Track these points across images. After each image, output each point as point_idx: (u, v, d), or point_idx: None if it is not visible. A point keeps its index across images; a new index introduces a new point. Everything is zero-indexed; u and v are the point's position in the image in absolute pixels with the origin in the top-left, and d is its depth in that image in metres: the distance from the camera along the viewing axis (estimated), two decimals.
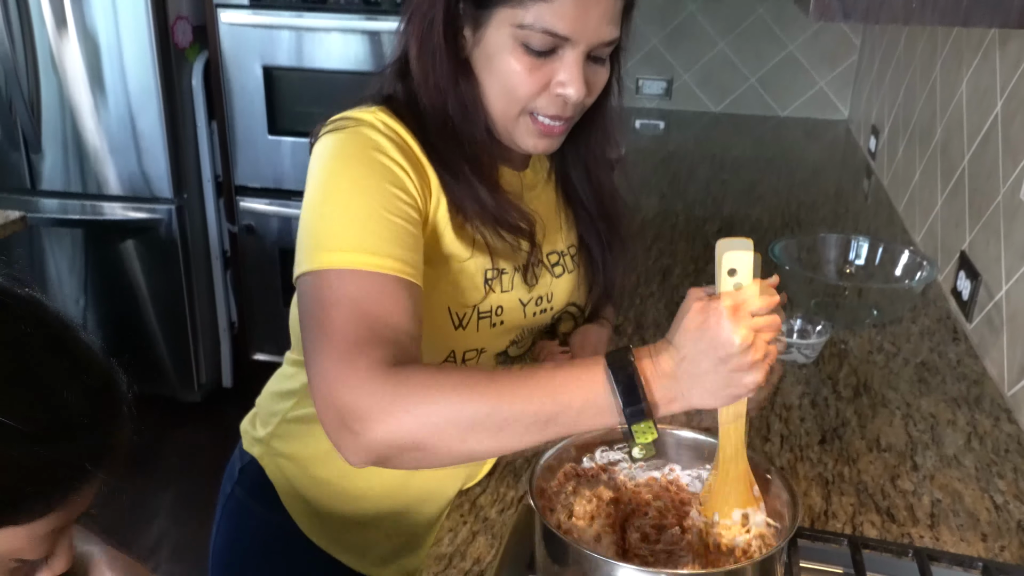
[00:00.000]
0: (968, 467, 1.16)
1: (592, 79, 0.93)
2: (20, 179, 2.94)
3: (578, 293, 1.12)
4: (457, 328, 0.99)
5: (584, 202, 1.11)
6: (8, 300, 0.63)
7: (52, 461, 0.60)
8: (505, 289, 1.01)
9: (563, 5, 0.86)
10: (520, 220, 0.98)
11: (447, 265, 0.96)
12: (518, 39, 0.88)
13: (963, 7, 1.26)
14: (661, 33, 3.16)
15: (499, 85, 0.92)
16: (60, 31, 2.73)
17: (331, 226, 0.85)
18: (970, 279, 1.54)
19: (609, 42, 0.91)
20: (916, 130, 2.09)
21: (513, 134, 0.96)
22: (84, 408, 0.62)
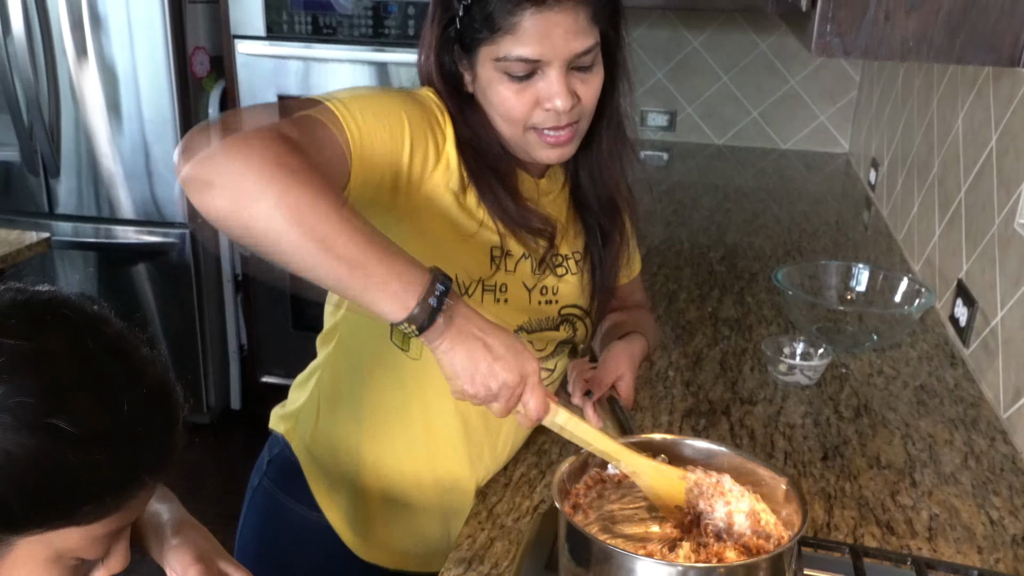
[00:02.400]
0: (965, 484, 1.20)
1: (580, 87, 1.01)
2: (38, 203, 3.01)
3: (582, 296, 1.17)
4: (463, 295, 1.05)
5: (591, 206, 1.17)
6: (70, 312, 0.66)
7: (110, 466, 0.63)
8: (510, 270, 1.08)
9: (526, 34, 0.96)
10: (539, 222, 1.07)
11: (454, 232, 1.04)
12: (500, 70, 0.99)
13: (957, 46, 1.33)
14: (665, 67, 3.25)
15: (498, 113, 1.02)
16: (80, 61, 2.81)
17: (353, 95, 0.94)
18: (967, 306, 1.60)
19: (583, 52, 0.98)
20: (914, 163, 2.15)
21: (526, 149, 1.05)
22: (141, 415, 0.65)
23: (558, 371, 1.19)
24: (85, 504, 0.63)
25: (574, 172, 1.16)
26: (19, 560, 0.63)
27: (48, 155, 2.91)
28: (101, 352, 0.65)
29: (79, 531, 0.64)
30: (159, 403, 0.67)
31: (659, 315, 1.74)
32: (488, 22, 0.96)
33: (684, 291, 1.88)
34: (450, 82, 1.04)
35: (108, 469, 0.63)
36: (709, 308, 1.79)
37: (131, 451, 0.64)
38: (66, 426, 0.60)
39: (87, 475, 0.62)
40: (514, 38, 0.96)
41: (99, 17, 2.75)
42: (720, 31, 3.15)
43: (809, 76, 3.13)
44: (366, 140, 0.91)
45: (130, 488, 0.65)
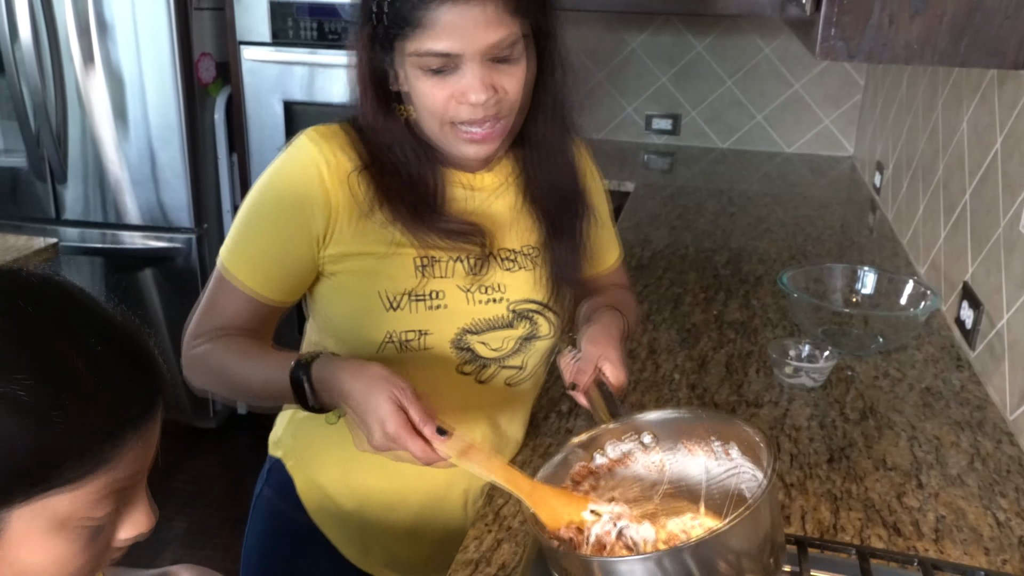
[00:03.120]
0: (971, 486, 1.20)
1: (499, 80, 1.00)
2: (45, 209, 3.02)
3: (538, 290, 1.15)
4: (389, 310, 1.06)
5: (543, 199, 1.15)
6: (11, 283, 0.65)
7: (72, 424, 0.60)
8: (440, 275, 1.08)
9: (439, 27, 0.96)
10: (460, 228, 1.08)
11: (372, 255, 1.06)
12: (418, 65, 0.99)
13: (961, 50, 1.33)
14: (670, 71, 3.25)
15: (420, 107, 1.03)
16: (87, 67, 2.82)
17: (239, 230, 1.08)
18: (972, 308, 1.60)
19: (499, 43, 0.98)
20: (919, 167, 2.15)
21: (449, 146, 1.05)
22: (95, 368, 0.62)
23: (529, 368, 1.18)
24: (59, 467, 0.60)
25: (522, 165, 1.15)
26: (19, 535, 0.61)
27: (55, 161, 2.93)
28: (51, 311, 0.63)
29: (69, 495, 0.61)
30: (117, 353, 0.65)
31: (664, 318, 1.75)
32: (404, 18, 0.97)
33: (689, 295, 1.88)
34: (379, 83, 1.05)
35: (73, 426, 0.60)
36: (714, 311, 1.79)
37: (91, 407, 0.61)
38: (16, 392, 0.58)
39: (51, 438, 0.59)
40: (428, 32, 0.96)
41: (106, 24, 2.77)
42: (724, 36, 3.16)
43: (813, 80, 3.14)
44: (272, 282, 1.07)
45: (104, 443, 0.62)
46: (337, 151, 1.05)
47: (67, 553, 0.63)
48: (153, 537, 0.84)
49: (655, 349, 1.61)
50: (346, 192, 1.04)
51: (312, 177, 1.03)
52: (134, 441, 0.64)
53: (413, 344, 1.07)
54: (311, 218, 1.04)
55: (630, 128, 3.37)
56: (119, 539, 0.68)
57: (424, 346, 1.08)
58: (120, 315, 0.68)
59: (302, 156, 1.05)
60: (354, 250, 1.06)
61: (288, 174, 1.06)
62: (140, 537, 0.69)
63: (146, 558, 0.95)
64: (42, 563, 0.63)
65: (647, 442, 0.96)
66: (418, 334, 1.07)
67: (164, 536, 2.71)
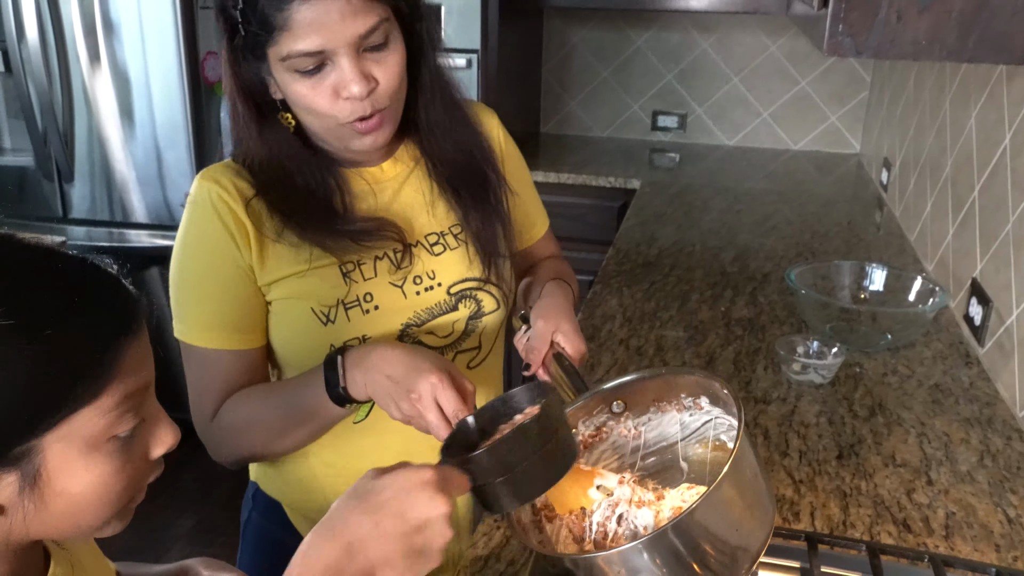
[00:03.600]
0: (981, 483, 1.20)
1: (376, 69, 0.98)
2: (52, 208, 3.03)
3: (472, 267, 1.13)
4: (327, 324, 1.05)
5: (451, 176, 1.14)
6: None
7: (72, 340, 0.63)
8: (368, 277, 1.07)
9: (301, 26, 0.93)
10: (369, 226, 1.06)
11: (295, 276, 1.05)
12: (289, 69, 0.97)
13: (970, 45, 1.32)
14: (675, 69, 3.25)
15: (302, 110, 1.01)
16: (94, 67, 2.83)
17: (178, 300, 1.06)
18: (981, 305, 1.59)
19: (367, 32, 0.95)
20: (927, 163, 2.15)
21: (341, 143, 1.04)
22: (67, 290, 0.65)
23: (487, 346, 1.17)
24: (71, 381, 0.63)
25: (424, 149, 1.13)
26: (58, 464, 0.64)
27: (62, 160, 2.93)
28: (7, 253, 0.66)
29: (91, 410, 0.64)
30: (85, 275, 0.68)
31: (671, 315, 1.75)
32: (263, 22, 0.94)
33: (696, 292, 1.88)
34: (253, 95, 1.02)
35: (68, 342, 0.63)
36: (722, 308, 1.79)
37: (80, 321, 0.64)
38: (5, 320, 0.61)
39: (53, 355, 0.62)
40: (291, 33, 0.93)
41: (112, 23, 2.77)
42: (730, 33, 3.15)
43: (819, 77, 3.13)
44: (237, 331, 1.05)
45: (102, 352, 0.65)
46: (235, 180, 1.04)
47: (107, 471, 0.67)
48: (160, 535, 0.85)
49: (662, 346, 1.61)
50: (254, 219, 1.03)
51: (220, 213, 1.02)
52: (128, 350, 0.67)
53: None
54: (235, 252, 1.03)
55: (636, 126, 3.36)
56: (152, 456, 0.72)
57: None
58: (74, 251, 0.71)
59: (202, 198, 1.03)
60: (278, 275, 1.04)
61: (197, 221, 1.04)
62: (170, 449, 0.73)
63: (154, 555, 0.96)
64: (87, 487, 0.66)
65: (617, 410, 0.97)
66: (360, 341, 1.06)
67: (171, 534, 2.72)
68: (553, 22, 3.30)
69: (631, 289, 1.88)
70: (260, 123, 1.03)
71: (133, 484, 0.70)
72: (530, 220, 1.30)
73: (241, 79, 1.01)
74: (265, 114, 1.03)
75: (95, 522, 0.69)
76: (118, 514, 0.70)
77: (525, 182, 1.28)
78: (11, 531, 0.65)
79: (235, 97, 1.02)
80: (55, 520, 0.67)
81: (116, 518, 0.71)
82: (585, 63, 3.32)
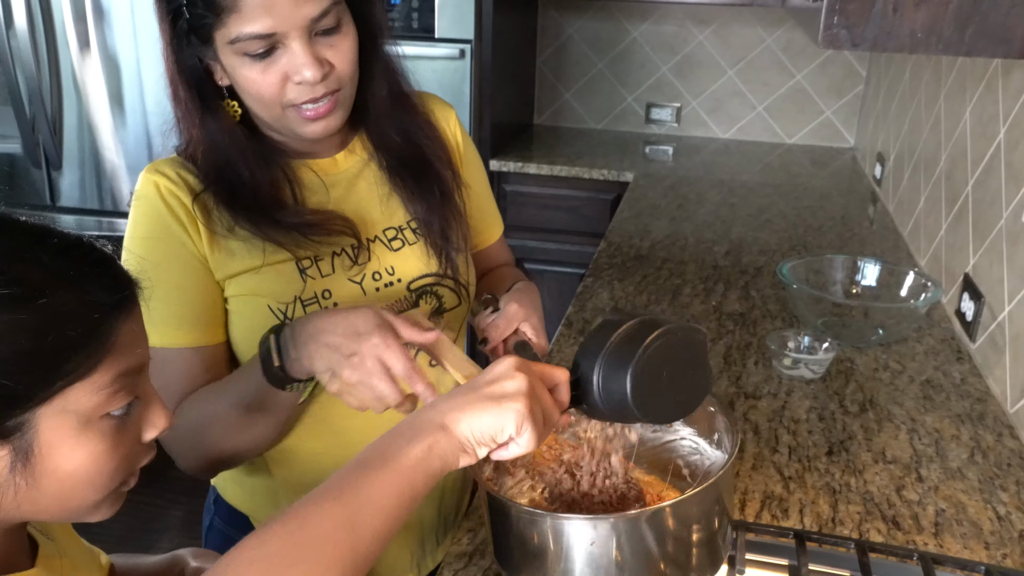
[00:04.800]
0: (972, 479, 1.19)
1: (329, 53, 0.95)
2: (41, 195, 3.00)
3: (431, 262, 1.11)
4: (284, 321, 1.01)
5: (402, 168, 1.10)
6: None
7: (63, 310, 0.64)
8: (325, 273, 1.04)
9: (250, 9, 0.90)
10: (317, 220, 1.01)
11: (251, 272, 1.01)
12: (238, 52, 0.93)
13: (967, 38, 1.31)
14: (671, 61, 3.23)
15: (250, 96, 0.97)
16: (83, 53, 2.80)
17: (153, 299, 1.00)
18: (973, 300, 1.58)
19: (319, 15, 0.92)
20: (921, 158, 2.14)
21: (291, 130, 1.00)
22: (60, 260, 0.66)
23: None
24: (66, 354, 0.63)
25: (374, 138, 1.10)
26: (51, 440, 0.64)
27: (51, 148, 2.91)
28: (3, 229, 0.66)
29: (85, 385, 0.65)
30: (80, 251, 0.68)
31: (663, 309, 1.73)
32: (210, 4, 0.90)
33: (688, 285, 1.86)
34: (195, 82, 0.98)
35: (63, 316, 0.64)
36: (714, 302, 1.77)
37: (75, 296, 0.65)
38: (4, 290, 0.61)
39: (48, 327, 0.62)
40: (240, 15, 0.90)
41: (102, 9, 2.74)
42: (726, 25, 3.14)
43: (815, 71, 3.12)
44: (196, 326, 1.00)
45: (96, 327, 0.65)
46: (182, 172, 1.00)
47: (100, 450, 0.67)
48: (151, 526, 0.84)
49: None
50: (203, 213, 0.99)
51: (170, 205, 0.98)
52: (122, 327, 0.67)
53: None
54: (189, 242, 0.99)
55: (631, 118, 3.35)
56: (144, 439, 0.72)
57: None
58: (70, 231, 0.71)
59: (150, 192, 0.99)
60: (233, 271, 1.01)
61: (146, 215, 0.99)
62: (163, 431, 0.73)
63: (144, 545, 0.95)
64: (80, 465, 0.66)
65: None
66: None
67: (161, 524, 2.71)
68: (548, 12, 3.27)
69: (623, 282, 1.87)
70: (203, 111, 0.99)
71: (125, 465, 0.70)
72: (486, 222, 1.27)
73: (183, 64, 0.97)
74: (209, 102, 0.99)
75: (85, 503, 0.69)
76: (109, 498, 0.70)
77: (482, 183, 1.25)
78: (1, 509, 0.65)
79: (177, 83, 0.98)
80: (46, 500, 0.66)
81: (107, 502, 0.70)
82: (580, 54, 3.30)
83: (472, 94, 2.71)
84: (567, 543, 0.76)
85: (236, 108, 1.00)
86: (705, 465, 0.91)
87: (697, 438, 0.92)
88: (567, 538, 0.76)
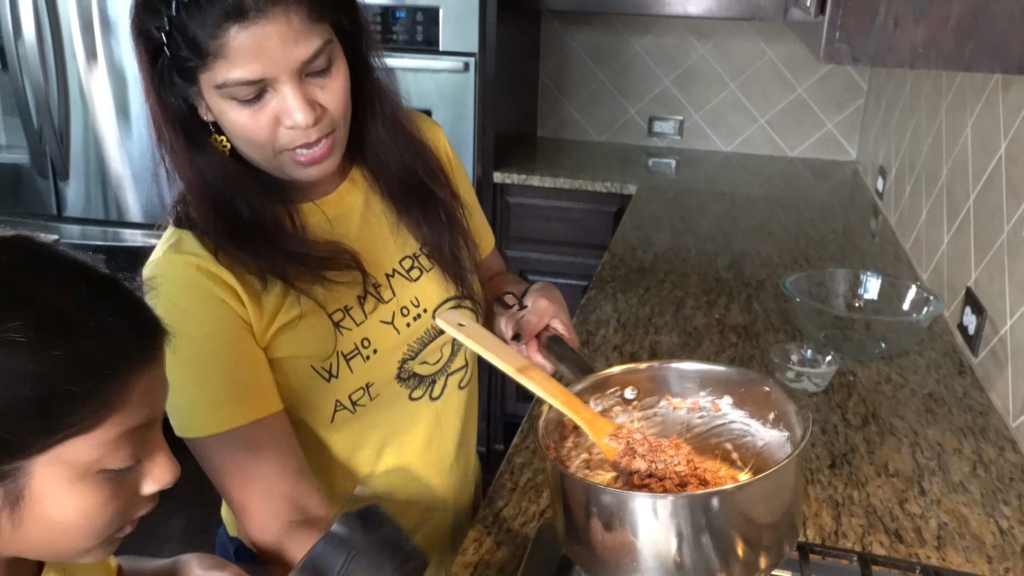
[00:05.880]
0: (974, 493, 1.20)
1: (321, 95, 0.91)
2: (47, 205, 3.02)
3: (449, 286, 1.10)
4: (330, 380, 1.00)
5: (405, 196, 1.08)
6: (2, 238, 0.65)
7: (75, 363, 0.61)
8: (359, 322, 1.01)
9: (238, 54, 0.85)
10: (339, 259, 0.99)
11: (290, 331, 0.97)
12: (225, 96, 0.88)
13: (966, 53, 1.32)
14: (673, 74, 3.25)
15: (239, 139, 0.93)
16: (90, 64, 2.82)
17: (191, 392, 0.93)
18: (975, 314, 1.59)
19: (311, 57, 0.88)
20: (922, 171, 2.15)
21: (284, 171, 0.95)
22: (90, 307, 0.63)
23: (471, 361, 1.16)
24: (68, 408, 0.60)
25: (372, 174, 1.07)
26: (43, 487, 0.62)
27: (57, 158, 2.93)
28: (27, 259, 0.64)
29: (86, 439, 0.62)
30: (103, 291, 0.65)
31: (666, 322, 1.74)
32: (194, 48, 0.85)
33: (691, 298, 1.87)
34: (181, 120, 0.93)
35: (71, 366, 0.60)
36: (716, 315, 1.78)
37: (88, 342, 0.62)
38: (12, 336, 0.58)
39: (53, 377, 0.60)
40: (227, 61, 0.85)
41: (109, 21, 2.76)
42: (727, 39, 3.15)
43: (816, 84, 3.13)
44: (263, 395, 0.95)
45: (109, 381, 0.62)
46: (193, 241, 0.94)
47: (93, 503, 0.64)
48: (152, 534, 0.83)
49: (656, 352, 1.60)
50: (231, 275, 0.94)
51: (202, 275, 0.93)
52: (138, 382, 0.64)
53: (362, 400, 1.04)
54: (232, 311, 0.93)
55: (633, 130, 3.36)
56: (144, 492, 0.69)
57: (372, 395, 1.04)
58: (104, 266, 0.68)
59: (173, 273, 0.93)
60: (274, 328, 0.96)
61: (179, 296, 0.92)
62: (165, 486, 0.70)
63: (146, 553, 0.95)
64: (69, 516, 0.63)
65: (629, 396, 0.93)
66: (363, 390, 1.03)
67: (163, 533, 2.71)
68: (551, 25, 3.29)
69: (626, 294, 1.88)
70: (191, 149, 0.93)
71: (119, 518, 0.67)
72: (479, 235, 1.26)
73: (166, 103, 0.92)
74: (196, 139, 0.94)
75: (74, 549, 0.67)
76: (101, 544, 0.67)
77: (473, 198, 1.24)
78: None
79: (161, 123, 0.93)
80: (31, 542, 0.65)
81: (98, 548, 0.68)
82: (583, 67, 3.32)
83: (475, 106, 2.73)
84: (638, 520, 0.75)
85: (225, 143, 0.95)
86: (757, 446, 0.89)
87: (749, 420, 0.91)
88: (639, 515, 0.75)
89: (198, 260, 0.93)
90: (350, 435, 1.06)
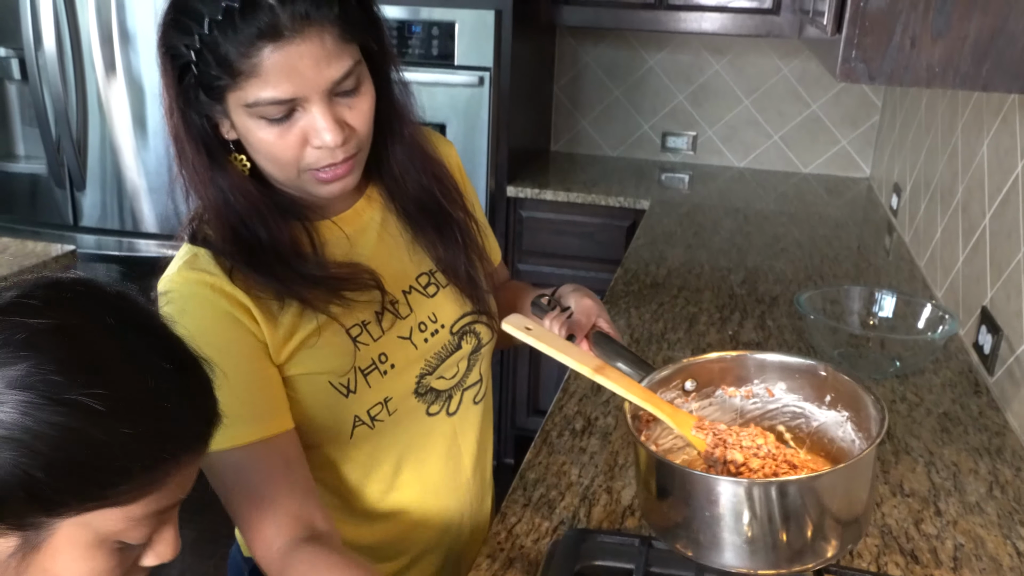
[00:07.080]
0: (990, 514, 1.19)
1: (349, 115, 0.92)
2: (63, 215, 3.05)
3: (465, 302, 1.10)
4: (348, 395, 1.00)
5: (421, 213, 1.08)
6: (91, 289, 0.66)
7: (139, 441, 0.61)
8: (376, 337, 1.02)
9: (271, 73, 0.85)
10: (358, 278, 0.99)
11: (308, 348, 0.97)
12: (254, 115, 0.89)
13: (983, 73, 1.32)
14: (687, 90, 3.26)
15: (264, 157, 0.93)
16: (109, 76, 2.85)
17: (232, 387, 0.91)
18: (991, 333, 1.58)
19: (341, 78, 0.89)
20: (937, 189, 2.14)
21: (305, 189, 0.96)
22: (166, 388, 0.64)
23: (486, 376, 1.16)
24: (118, 481, 0.61)
25: (389, 193, 1.08)
26: (61, 545, 0.63)
27: (75, 168, 2.95)
28: (122, 326, 0.64)
29: (118, 512, 0.63)
30: (184, 375, 0.66)
31: (679, 337, 1.74)
32: (226, 67, 0.85)
33: (704, 314, 1.87)
34: (204, 141, 0.93)
35: (137, 444, 0.61)
36: (730, 331, 1.78)
37: (159, 425, 0.63)
38: (90, 401, 0.59)
39: (116, 450, 0.61)
40: (259, 80, 0.85)
41: (128, 33, 2.80)
42: (741, 55, 3.16)
43: (831, 101, 3.13)
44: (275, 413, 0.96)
45: (163, 464, 0.63)
46: (207, 260, 0.94)
47: (101, 569, 0.65)
48: None
49: None
50: (245, 291, 0.94)
51: (215, 294, 0.93)
52: (185, 467, 0.66)
53: (381, 415, 1.04)
54: (246, 330, 0.94)
55: (646, 146, 3.37)
56: (144, 563, 0.70)
57: (391, 411, 1.04)
58: (186, 344, 0.69)
59: (187, 292, 0.93)
60: (292, 346, 0.97)
61: (192, 314, 0.92)
62: (165, 562, 0.70)
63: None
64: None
65: (689, 388, 0.96)
66: (382, 405, 1.03)
67: None
68: (566, 41, 3.31)
69: (639, 310, 1.88)
70: (211, 168, 0.94)
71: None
72: (488, 249, 1.25)
73: (190, 122, 0.92)
74: (217, 159, 0.94)
75: None
76: None
77: (481, 214, 1.24)
78: None
79: (183, 141, 0.93)
80: None
81: None
82: (597, 82, 3.33)
83: (490, 120, 2.74)
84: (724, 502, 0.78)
85: (244, 162, 0.96)
86: (812, 427, 0.93)
87: (802, 403, 0.94)
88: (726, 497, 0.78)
89: (212, 279, 0.93)
90: (369, 451, 1.06)
